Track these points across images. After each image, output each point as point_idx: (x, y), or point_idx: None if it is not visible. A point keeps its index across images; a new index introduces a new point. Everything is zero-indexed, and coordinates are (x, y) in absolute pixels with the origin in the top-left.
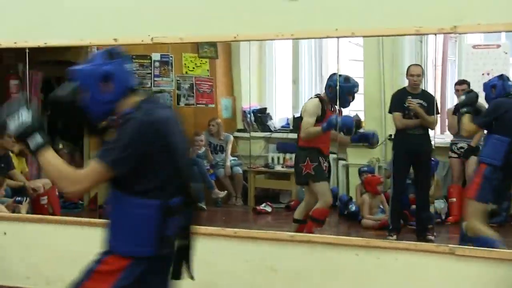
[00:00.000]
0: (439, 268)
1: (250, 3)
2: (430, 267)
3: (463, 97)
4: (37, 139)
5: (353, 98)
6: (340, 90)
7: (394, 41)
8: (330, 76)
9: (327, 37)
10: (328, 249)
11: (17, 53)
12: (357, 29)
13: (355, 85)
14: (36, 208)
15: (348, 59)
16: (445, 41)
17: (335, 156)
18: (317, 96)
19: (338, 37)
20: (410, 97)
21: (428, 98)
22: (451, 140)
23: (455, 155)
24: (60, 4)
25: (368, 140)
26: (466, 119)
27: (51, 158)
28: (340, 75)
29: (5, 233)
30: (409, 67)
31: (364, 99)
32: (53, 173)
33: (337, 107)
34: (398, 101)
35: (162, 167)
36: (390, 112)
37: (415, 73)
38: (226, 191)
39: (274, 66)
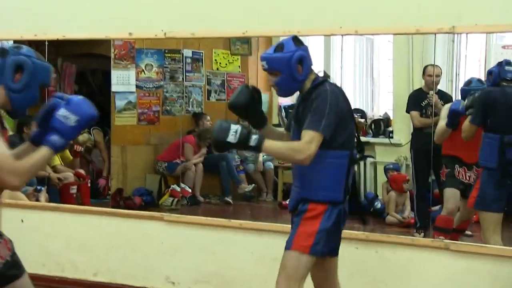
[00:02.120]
0: (435, 262)
1: (260, 1)
2: (426, 261)
3: (469, 99)
4: (254, 138)
5: None
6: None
7: (425, 40)
8: (466, 82)
9: (332, 34)
10: None
11: (54, 46)
12: (361, 28)
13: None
14: (64, 197)
15: (387, 58)
16: (487, 40)
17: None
18: None
19: (342, 35)
20: (430, 93)
21: (444, 97)
22: None
23: None
24: None
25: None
26: (467, 121)
27: (273, 146)
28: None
29: (22, 221)
30: (426, 67)
31: (393, 97)
32: (281, 154)
33: None
34: (415, 101)
35: (349, 125)
36: (407, 111)
37: (433, 74)
38: (253, 185)
39: None
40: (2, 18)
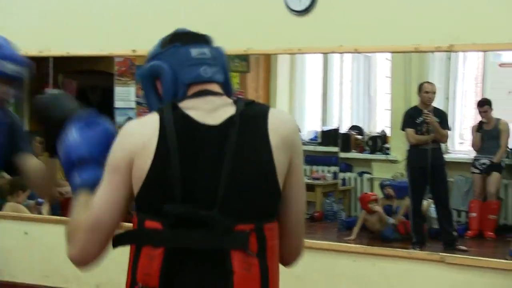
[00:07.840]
0: (431, 274)
1: (261, 19)
2: (422, 274)
3: None
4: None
5: None
6: None
7: (422, 58)
8: None
9: (332, 52)
10: (328, 255)
11: (55, 62)
12: (360, 46)
13: None
14: (65, 211)
15: (385, 76)
16: (484, 58)
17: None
18: None
19: (341, 53)
20: (425, 111)
21: (439, 114)
22: (474, 157)
23: (477, 171)
24: (83, 15)
25: None
26: None
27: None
28: None
29: (26, 233)
30: (422, 84)
31: (391, 115)
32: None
33: None
34: (411, 118)
35: None
36: (402, 129)
37: (430, 90)
38: None
39: (304, 80)
40: (7, 35)
